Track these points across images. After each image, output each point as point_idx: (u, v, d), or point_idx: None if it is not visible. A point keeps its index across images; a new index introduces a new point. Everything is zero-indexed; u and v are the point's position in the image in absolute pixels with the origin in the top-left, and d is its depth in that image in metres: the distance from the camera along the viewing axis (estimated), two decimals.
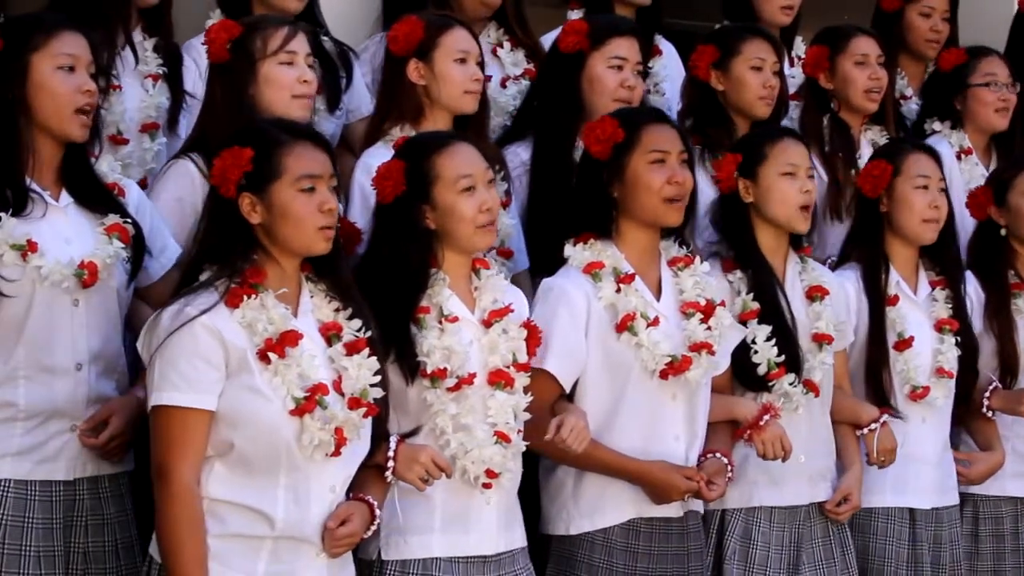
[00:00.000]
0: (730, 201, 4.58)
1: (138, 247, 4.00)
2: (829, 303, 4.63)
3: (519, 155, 4.85)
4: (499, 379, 3.96)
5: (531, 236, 4.73)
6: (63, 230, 3.90)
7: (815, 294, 4.63)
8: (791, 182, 4.54)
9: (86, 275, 3.86)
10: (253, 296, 3.61)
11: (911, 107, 5.88)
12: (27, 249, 3.80)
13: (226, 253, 3.65)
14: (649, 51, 5.12)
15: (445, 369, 3.90)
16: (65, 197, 3.95)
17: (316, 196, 3.66)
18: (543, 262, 4.54)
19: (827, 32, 5.45)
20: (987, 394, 4.97)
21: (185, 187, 4.23)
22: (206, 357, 3.56)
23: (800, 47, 5.80)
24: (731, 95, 5.08)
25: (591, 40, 4.85)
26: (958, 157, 5.53)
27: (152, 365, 3.59)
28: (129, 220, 3.98)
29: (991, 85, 5.55)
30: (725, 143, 4.93)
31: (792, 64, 5.73)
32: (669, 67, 5.49)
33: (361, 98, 5.12)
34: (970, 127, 5.59)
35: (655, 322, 4.25)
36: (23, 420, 3.84)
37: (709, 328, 4.28)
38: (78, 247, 3.89)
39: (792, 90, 5.51)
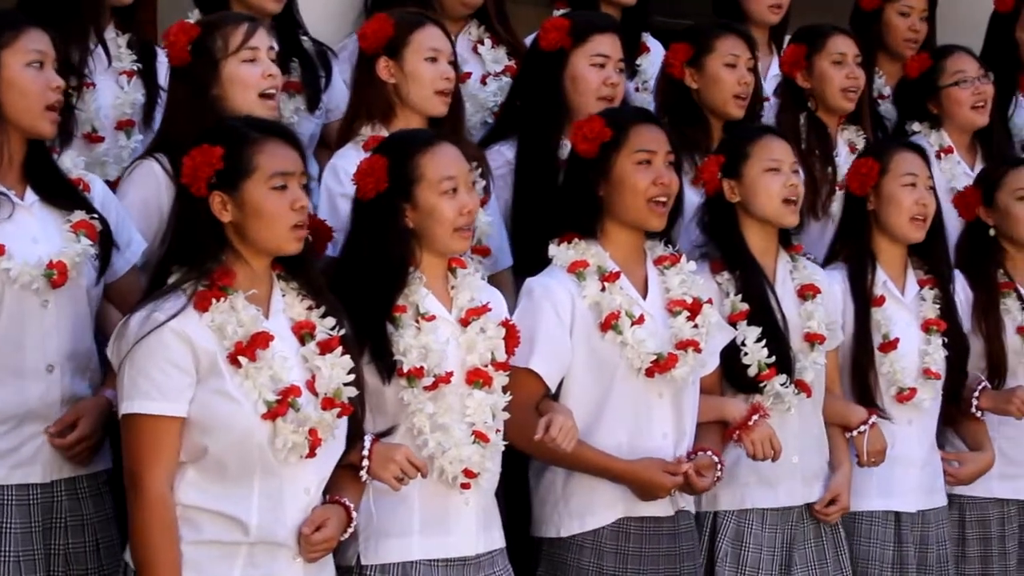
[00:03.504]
0: (716, 203, 4.55)
1: (105, 243, 3.96)
2: (821, 302, 4.61)
3: (503, 154, 4.82)
4: (477, 378, 3.93)
5: (516, 235, 4.70)
6: (30, 229, 3.87)
7: (807, 293, 4.61)
8: (775, 177, 4.52)
9: (55, 275, 3.83)
10: (222, 299, 3.58)
11: (889, 107, 5.85)
12: None
13: (195, 254, 3.61)
14: (635, 49, 5.09)
15: (422, 368, 3.87)
16: (30, 195, 3.91)
17: (288, 193, 3.63)
18: (528, 261, 4.49)
19: (804, 31, 5.43)
20: (976, 394, 4.94)
21: (151, 188, 4.21)
22: (176, 363, 3.53)
23: None
24: (705, 93, 5.04)
25: (572, 37, 4.82)
26: (937, 156, 5.50)
27: (122, 372, 3.56)
28: (96, 216, 3.95)
29: (962, 83, 5.52)
30: (702, 142, 4.92)
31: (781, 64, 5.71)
32: (656, 64, 5.43)
33: (340, 97, 5.07)
34: (950, 126, 5.57)
35: (640, 320, 4.23)
36: None
37: (696, 326, 4.27)
38: (45, 246, 3.86)
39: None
